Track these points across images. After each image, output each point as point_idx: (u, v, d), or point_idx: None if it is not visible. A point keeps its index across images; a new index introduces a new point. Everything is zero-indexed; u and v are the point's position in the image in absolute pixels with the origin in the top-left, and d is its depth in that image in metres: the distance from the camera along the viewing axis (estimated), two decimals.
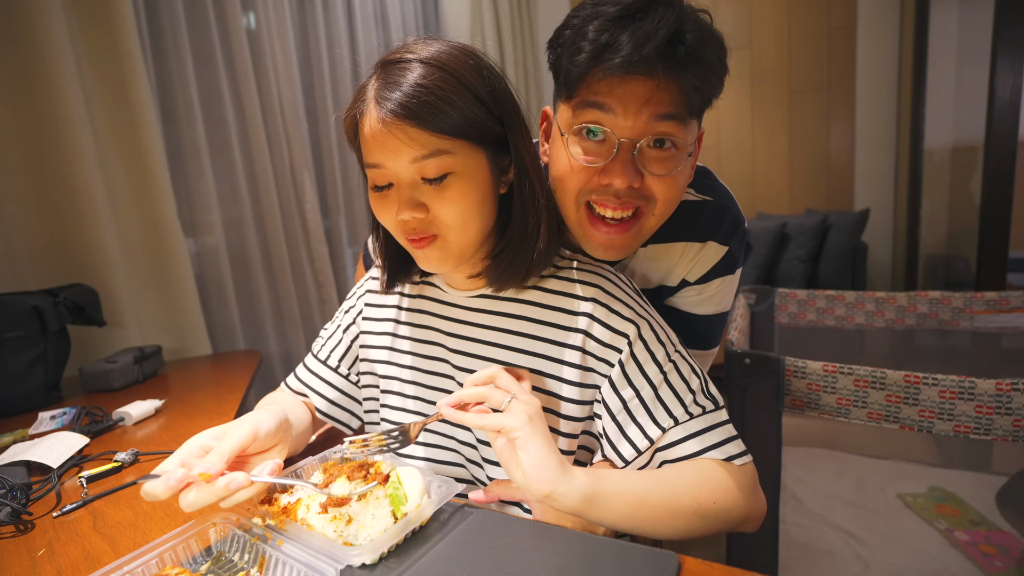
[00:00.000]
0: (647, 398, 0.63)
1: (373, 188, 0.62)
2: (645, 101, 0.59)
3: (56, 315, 1.22)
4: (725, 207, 0.79)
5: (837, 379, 0.93)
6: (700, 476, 0.60)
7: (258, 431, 0.58)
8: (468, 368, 0.70)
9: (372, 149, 0.59)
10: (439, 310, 0.74)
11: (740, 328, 1.25)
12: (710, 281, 0.79)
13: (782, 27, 3.16)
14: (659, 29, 0.55)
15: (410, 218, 0.59)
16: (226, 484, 0.50)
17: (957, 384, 0.83)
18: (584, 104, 0.62)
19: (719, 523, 0.60)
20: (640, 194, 0.64)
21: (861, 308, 1.52)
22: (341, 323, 0.84)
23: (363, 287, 0.84)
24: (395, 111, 0.56)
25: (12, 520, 0.67)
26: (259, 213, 1.95)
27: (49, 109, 1.32)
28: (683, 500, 0.58)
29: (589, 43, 0.58)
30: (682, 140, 0.62)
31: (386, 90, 0.57)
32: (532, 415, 0.57)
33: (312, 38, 2.21)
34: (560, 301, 0.67)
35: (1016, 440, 0.81)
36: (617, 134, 0.61)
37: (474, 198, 0.61)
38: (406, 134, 0.56)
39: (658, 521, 0.57)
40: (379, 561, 0.50)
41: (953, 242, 2.77)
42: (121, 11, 1.43)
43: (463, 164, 0.59)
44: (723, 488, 0.60)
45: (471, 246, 0.63)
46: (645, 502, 0.57)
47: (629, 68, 0.57)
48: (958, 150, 2.70)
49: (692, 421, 0.63)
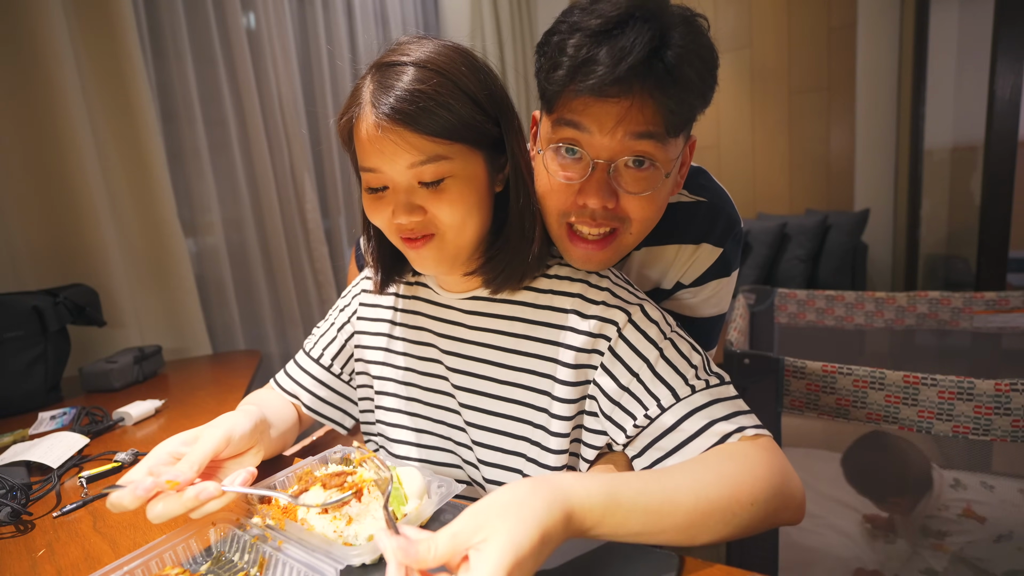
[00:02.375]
0: (644, 377, 0.60)
1: (368, 190, 0.62)
2: (620, 120, 0.58)
3: (56, 315, 1.22)
4: (719, 207, 0.78)
5: (836, 379, 0.93)
6: (735, 469, 0.51)
7: (231, 435, 0.57)
8: (461, 370, 0.70)
9: (368, 153, 0.58)
10: (432, 311, 0.74)
11: (739, 328, 1.25)
12: (705, 284, 0.79)
13: (782, 27, 3.16)
14: (636, 47, 0.54)
15: (406, 222, 0.59)
16: (195, 495, 0.49)
17: (956, 385, 0.83)
18: (561, 121, 0.61)
19: (755, 522, 0.51)
20: (615, 215, 0.63)
21: (861, 308, 1.53)
22: (335, 321, 0.83)
23: (358, 286, 0.84)
24: (391, 115, 0.55)
25: (12, 520, 0.67)
26: (259, 213, 1.95)
27: (49, 109, 1.32)
28: (714, 514, 0.49)
29: (568, 59, 0.57)
30: (661, 158, 0.61)
31: (381, 93, 0.56)
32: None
33: (312, 38, 2.21)
34: (550, 300, 0.67)
35: (1015, 440, 0.81)
36: (592, 154, 0.60)
37: (471, 200, 0.60)
38: (403, 139, 0.56)
39: (678, 543, 0.49)
40: (379, 561, 0.51)
41: (953, 242, 2.77)
42: (121, 11, 1.43)
43: (460, 167, 0.59)
44: (763, 477, 0.51)
45: (467, 247, 0.63)
46: (666, 533, 0.48)
47: (603, 88, 0.56)
48: (958, 150, 2.71)
49: (696, 395, 0.57)
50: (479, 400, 0.69)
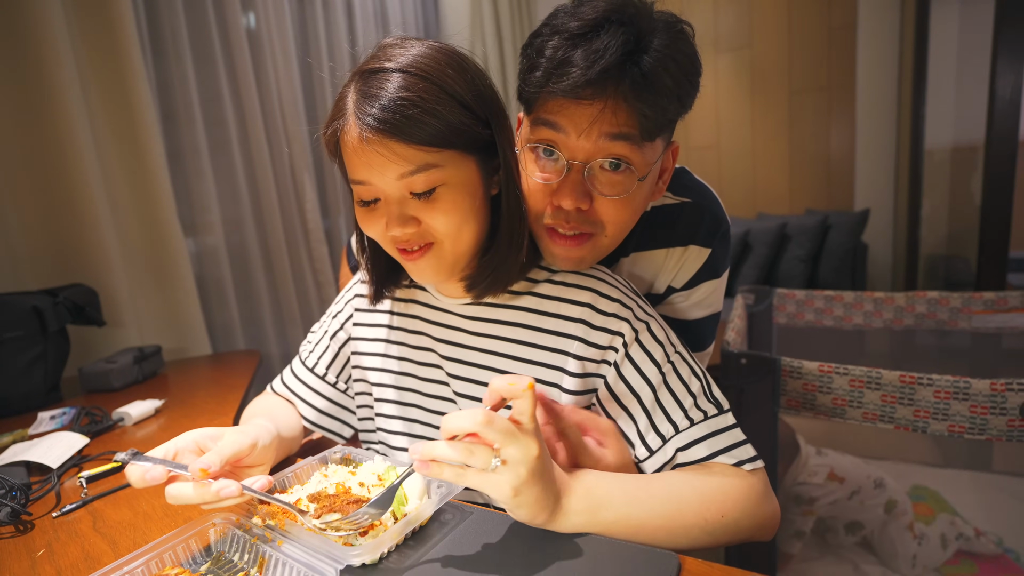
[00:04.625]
0: (647, 402, 0.62)
1: (359, 203, 0.60)
2: (594, 122, 0.58)
3: (56, 315, 1.22)
4: (703, 206, 0.78)
5: (833, 379, 0.93)
6: (707, 488, 0.58)
7: (257, 444, 0.58)
8: (463, 376, 0.69)
9: (356, 166, 0.56)
10: (431, 316, 0.72)
11: (737, 329, 1.25)
12: (696, 287, 0.79)
13: (782, 27, 3.16)
14: (609, 49, 0.55)
15: (401, 234, 0.58)
16: (217, 490, 0.50)
17: (952, 384, 0.83)
18: (538, 122, 0.62)
19: (728, 536, 0.57)
20: (588, 219, 0.64)
21: (859, 308, 1.53)
22: (328, 328, 0.82)
23: (351, 291, 0.82)
24: (376, 127, 0.53)
25: (12, 520, 0.67)
26: (259, 213, 1.95)
27: (49, 109, 1.32)
28: (687, 518, 0.55)
29: (545, 60, 0.58)
30: (637, 162, 0.61)
31: (365, 103, 0.54)
32: (521, 483, 0.48)
33: (312, 38, 2.21)
34: (556, 307, 0.66)
35: (1010, 440, 0.81)
36: (567, 155, 0.61)
37: (465, 206, 0.59)
38: (390, 150, 0.54)
39: (658, 541, 0.54)
40: (379, 561, 0.51)
41: (953, 242, 2.77)
42: (121, 11, 1.43)
43: (452, 174, 0.57)
44: (732, 499, 0.57)
45: (466, 254, 0.62)
46: (645, 526, 0.54)
47: (577, 90, 0.56)
48: (958, 150, 2.70)
49: (694, 427, 0.61)
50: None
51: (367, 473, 0.62)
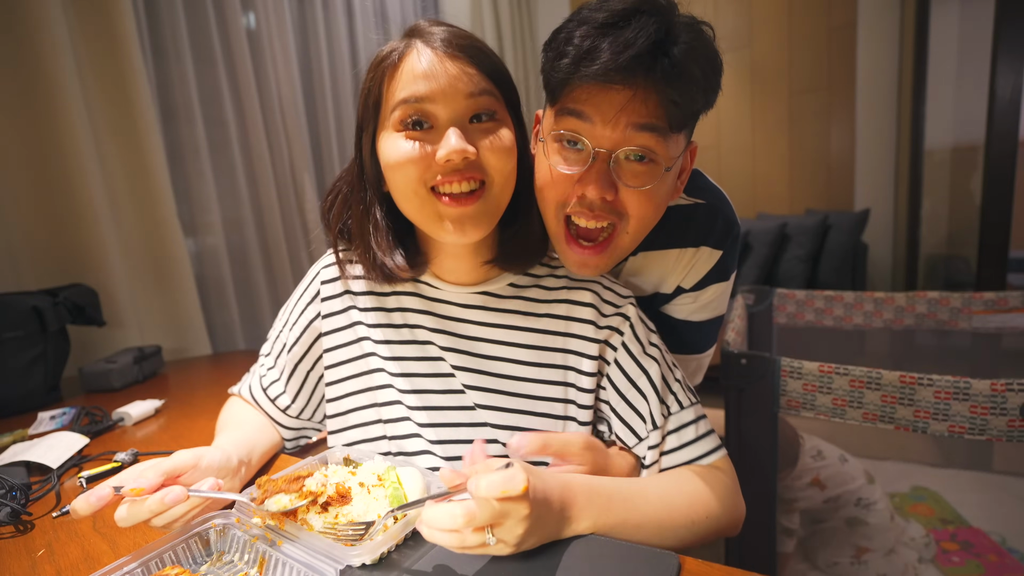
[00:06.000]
0: (655, 381, 0.66)
1: (403, 126, 0.58)
2: (621, 110, 0.58)
3: (56, 315, 1.22)
4: (717, 208, 0.78)
5: (833, 380, 0.93)
6: (695, 487, 0.61)
7: (199, 461, 0.57)
8: (470, 367, 0.68)
9: (421, 82, 0.57)
10: (425, 307, 0.70)
11: (737, 329, 1.25)
12: (705, 288, 0.79)
13: (782, 27, 3.16)
14: (639, 38, 0.55)
15: (462, 148, 0.56)
16: (160, 498, 0.50)
17: (952, 384, 0.83)
18: (564, 111, 0.62)
19: (709, 533, 0.61)
20: (613, 209, 0.63)
21: (860, 308, 1.53)
22: (287, 342, 0.76)
23: (311, 294, 0.76)
24: (448, 47, 0.58)
25: (12, 520, 0.67)
26: (259, 213, 1.95)
27: (49, 109, 1.32)
28: (677, 519, 0.58)
29: (573, 48, 0.58)
30: (662, 154, 0.61)
31: (430, 34, 0.59)
32: (520, 541, 0.47)
33: (312, 38, 2.21)
34: (563, 295, 0.70)
35: (1011, 440, 0.81)
36: (593, 144, 0.61)
37: (512, 151, 0.62)
38: (461, 69, 0.58)
39: (651, 541, 0.56)
40: (379, 561, 0.51)
41: (953, 242, 2.77)
42: (121, 11, 1.43)
43: (504, 117, 0.62)
44: (717, 496, 0.61)
45: (503, 206, 0.64)
46: (643, 528, 0.56)
47: (606, 76, 0.56)
48: (958, 150, 2.71)
49: (686, 410, 0.67)
50: (496, 398, 0.68)
51: (367, 473, 0.62)
